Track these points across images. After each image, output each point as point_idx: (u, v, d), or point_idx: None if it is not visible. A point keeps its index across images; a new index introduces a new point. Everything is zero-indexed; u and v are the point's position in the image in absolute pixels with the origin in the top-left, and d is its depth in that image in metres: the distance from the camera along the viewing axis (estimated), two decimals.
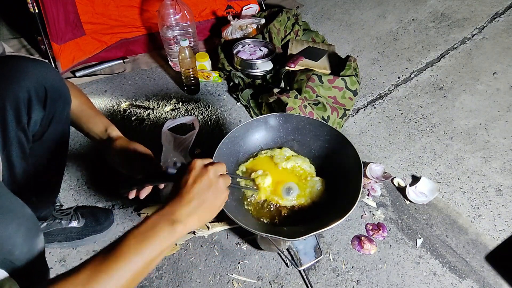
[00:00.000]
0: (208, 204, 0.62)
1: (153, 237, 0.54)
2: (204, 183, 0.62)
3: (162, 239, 0.55)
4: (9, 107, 0.74)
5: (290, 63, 1.55)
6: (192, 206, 0.60)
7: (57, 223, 1.09)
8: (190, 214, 0.59)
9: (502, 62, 1.75)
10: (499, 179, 1.30)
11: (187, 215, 0.59)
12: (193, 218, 0.59)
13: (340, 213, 0.84)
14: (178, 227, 0.57)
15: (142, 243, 0.53)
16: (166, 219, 0.57)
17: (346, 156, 0.97)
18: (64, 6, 1.58)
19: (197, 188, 0.61)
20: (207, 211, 0.62)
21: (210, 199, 0.62)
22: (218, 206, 0.65)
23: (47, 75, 0.79)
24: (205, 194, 0.61)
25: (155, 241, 0.54)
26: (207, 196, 0.62)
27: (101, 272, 0.49)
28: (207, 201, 0.62)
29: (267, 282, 1.05)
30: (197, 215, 0.60)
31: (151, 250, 0.54)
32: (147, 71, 1.80)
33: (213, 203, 0.63)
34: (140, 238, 0.54)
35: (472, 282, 1.04)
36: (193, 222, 0.59)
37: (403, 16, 2.10)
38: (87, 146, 1.43)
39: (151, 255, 0.54)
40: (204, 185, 0.62)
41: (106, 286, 0.49)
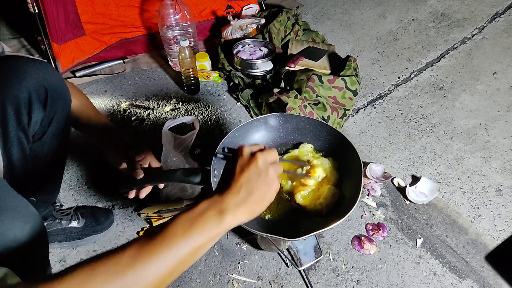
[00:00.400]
0: (258, 194, 0.58)
1: (201, 224, 0.52)
2: (252, 172, 0.58)
3: (210, 227, 0.53)
4: (9, 107, 0.74)
5: (290, 63, 1.55)
6: (241, 197, 0.56)
7: (57, 223, 1.09)
8: (239, 204, 0.56)
9: (502, 62, 1.75)
10: (499, 179, 1.30)
11: (236, 205, 0.55)
12: (243, 209, 0.56)
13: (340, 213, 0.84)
14: (227, 217, 0.54)
15: (189, 229, 0.51)
16: (215, 207, 0.54)
17: (346, 156, 0.97)
18: (64, 6, 1.58)
19: (245, 177, 0.57)
20: (258, 202, 0.58)
21: (260, 190, 0.58)
22: (269, 197, 0.60)
23: (48, 76, 0.79)
24: (254, 183, 0.57)
25: (203, 228, 0.52)
26: (256, 186, 0.57)
27: (146, 253, 0.47)
28: (256, 191, 0.57)
29: (267, 282, 1.05)
30: (247, 206, 0.56)
31: (197, 237, 0.51)
32: (147, 71, 1.80)
33: (263, 193, 0.58)
34: (188, 224, 0.51)
35: (472, 282, 1.04)
36: (243, 213, 0.56)
37: (403, 16, 2.10)
38: (87, 146, 1.43)
39: (197, 242, 0.51)
40: (253, 174, 0.58)
41: (150, 268, 0.46)
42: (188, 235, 0.50)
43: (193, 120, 1.42)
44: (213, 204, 0.55)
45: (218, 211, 0.54)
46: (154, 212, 1.16)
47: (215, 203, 0.55)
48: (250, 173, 0.58)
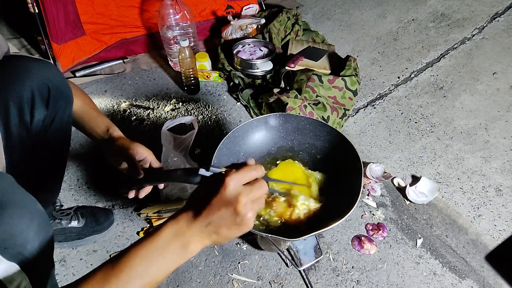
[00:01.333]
0: (225, 234, 0.54)
1: (162, 259, 0.51)
2: (228, 214, 0.53)
3: (171, 261, 0.52)
4: (12, 106, 0.75)
5: (290, 63, 1.55)
6: (208, 231, 0.53)
7: (57, 223, 1.09)
8: (204, 237, 0.54)
9: (502, 62, 1.75)
10: (499, 179, 1.30)
11: (201, 236, 0.53)
12: (207, 239, 0.54)
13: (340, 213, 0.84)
14: (189, 249, 0.53)
15: (150, 263, 0.50)
16: (179, 239, 0.52)
17: (346, 156, 0.97)
18: (64, 6, 1.58)
19: (219, 216, 0.53)
20: (223, 239, 0.55)
21: (230, 231, 0.54)
22: (238, 227, 0.55)
23: (50, 75, 0.79)
24: (225, 225, 0.53)
25: (164, 263, 0.51)
26: (227, 228, 0.54)
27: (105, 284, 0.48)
28: (226, 231, 0.54)
29: (267, 282, 1.05)
30: (212, 236, 0.54)
31: (157, 271, 0.51)
32: (147, 71, 1.80)
33: (231, 234, 0.55)
34: (149, 258, 0.51)
35: (472, 282, 1.04)
36: (207, 242, 0.54)
37: (403, 16, 2.10)
38: (87, 146, 1.43)
39: (157, 276, 0.51)
40: (228, 217, 0.53)
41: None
42: (149, 271, 0.50)
43: (192, 120, 1.42)
44: (178, 236, 0.52)
45: (181, 245, 0.52)
46: (154, 212, 1.16)
47: (180, 235, 0.52)
48: (226, 214, 0.53)
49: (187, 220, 0.53)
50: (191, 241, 0.53)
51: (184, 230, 0.53)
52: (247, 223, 0.54)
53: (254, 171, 0.56)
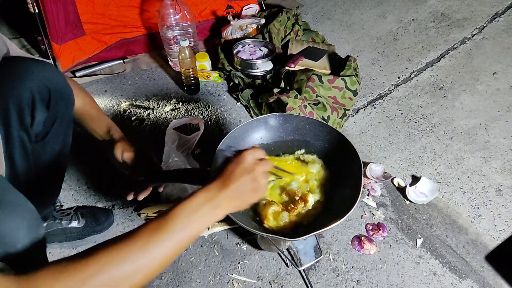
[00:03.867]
0: (246, 196, 0.68)
1: (198, 217, 0.60)
2: (247, 179, 0.67)
3: (204, 219, 0.62)
4: (12, 108, 0.75)
5: (290, 63, 1.55)
6: (232, 193, 0.65)
7: (57, 223, 1.09)
8: (230, 199, 0.65)
9: (502, 62, 1.75)
10: (499, 179, 1.30)
11: (227, 200, 0.65)
12: (232, 203, 0.66)
13: (340, 213, 0.84)
14: (218, 211, 0.63)
15: (188, 220, 0.59)
16: (210, 203, 0.62)
17: (346, 156, 0.97)
18: (64, 6, 1.58)
19: (240, 182, 0.66)
20: (245, 197, 0.68)
21: (249, 194, 0.68)
22: (254, 199, 0.70)
23: (51, 76, 0.79)
24: (245, 187, 0.67)
25: (199, 220, 0.61)
26: (246, 190, 0.67)
27: (154, 240, 0.55)
28: (246, 194, 0.67)
29: (267, 282, 1.05)
30: (236, 201, 0.66)
31: (195, 227, 0.60)
32: (147, 71, 1.80)
33: (250, 196, 0.69)
34: (187, 216, 0.59)
35: (472, 282, 1.04)
36: (231, 206, 0.66)
37: (403, 16, 2.10)
38: (87, 146, 1.43)
39: (194, 231, 0.60)
40: (247, 181, 0.67)
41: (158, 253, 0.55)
42: (187, 226, 0.59)
43: (198, 121, 1.42)
44: (209, 200, 0.63)
45: (212, 207, 0.63)
46: (154, 212, 1.16)
47: (210, 199, 0.63)
48: (245, 180, 0.67)
49: (217, 188, 0.65)
50: (220, 205, 0.63)
51: (214, 196, 0.64)
52: (263, 189, 0.70)
53: (262, 151, 0.72)
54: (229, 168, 0.68)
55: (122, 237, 0.55)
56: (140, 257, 0.54)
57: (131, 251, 0.53)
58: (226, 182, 0.66)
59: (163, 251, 0.56)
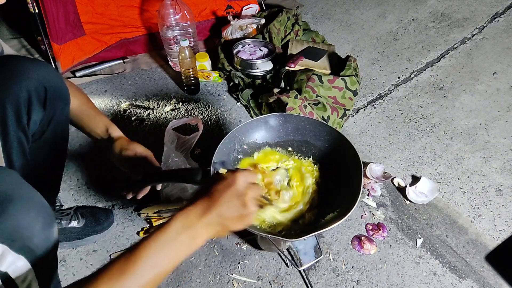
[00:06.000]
0: (231, 218, 0.61)
1: (173, 250, 0.55)
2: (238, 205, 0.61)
3: (180, 251, 0.57)
4: (9, 107, 0.75)
5: (290, 63, 1.55)
6: (215, 219, 0.59)
7: (57, 223, 1.08)
8: (212, 226, 0.59)
9: (502, 62, 1.75)
10: (499, 179, 1.30)
11: (209, 227, 0.59)
12: (214, 230, 0.60)
13: (340, 213, 0.84)
14: (197, 241, 0.58)
15: (161, 255, 0.54)
16: (188, 232, 0.57)
17: (346, 156, 0.97)
18: (64, 6, 1.58)
19: (229, 207, 0.60)
20: (230, 223, 0.61)
21: (236, 222, 0.62)
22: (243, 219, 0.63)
23: (47, 75, 0.79)
24: (233, 216, 0.61)
25: (174, 254, 0.56)
26: (235, 217, 0.61)
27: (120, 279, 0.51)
28: (231, 214, 0.61)
29: (267, 282, 1.05)
30: (218, 227, 0.60)
31: (168, 262, 0.55)
32: (147, 71, 1.80)
33: (236, 225, 0.62)
34: (160, 249, 0.55)
35: (472, 282, 1.04)
36: (213, 233, 0.60)
37: (403, 16, 2.10)
38: (87, 146, 1.43)
39: (168, 266, 0.55)
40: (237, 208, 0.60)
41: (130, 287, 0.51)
42: (161, 261, 0.54)
43: (197, 121, 1.42)
44: (187, 229, 0.57)
45: (190, 237, 0.57)
46: (154, 212, 1.16)
47: (188, 227, 0.57)
48: (233, 204, 0.60)
49: (197, 213, 0.58)
50: (199, 233, 0.58)
51: (194, 223, 0.57)
52: (251, 217, 0.62)
53: (255, 175, 0.64)
54: (218, 188, 0.61)
55: (90, 277, 0.51)
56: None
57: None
58: (211, 205, 0.59)
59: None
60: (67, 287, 0.51)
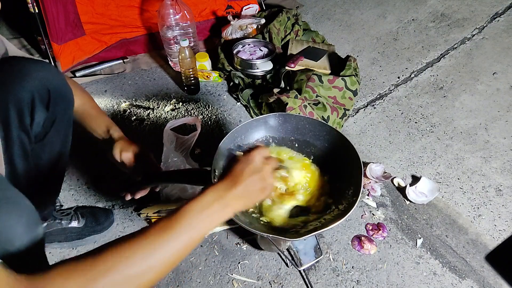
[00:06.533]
0: (254, 195, 0.69)
1: (207, 215, 0.61)
2: (255, 179, 0.68)
3: (214, 218, 0.62)
4: (12, 108, 0.75)
5: (290, 63, 1.55)
6: (240, 192, 0.66)
7: (57, 223, 1.09)
8: (238, 198, 0.66)
9: (502, 62, 1.75)
10: (499, 179, 1.30)
11: (236, 199, 0.66)
12: (241, 202, 0.67)
13: (340, 213, 0.84)
14: (227, 210, 0.64)
15: (198, 218, 0.60)
16: (219, 202, 0.63)
17: (346, 156, 0.97)
18: (64, 6, 1.58)
19: (248, 181, 0.67)
20: (253, 196, 0.69)
21: (257, 193, 0.70)
22: (261, 198, 0.72)
23: (51, 77, 0.79)
24: (253, 187, 0.68)
25: (209, 219, 0.61)
26: (254, 190, 0.69)
27: (165, 238, 0.55)
28: (254, 193, 0.69)
29: (267, 282, 1.05)
30: (244, 200, 0.68)
31: (204, 226, 0.61)
32: (147, 71, 1.80)
33: (258, 196, 0.70)
34: (197, 214, 0.60)
35: (472, 282, 1.04)
36: (240, 205, 0.68)
37: (403, 16, 2.10)
38: (87, 146, 1.43)
39: (204, 229, 0.61)
40: (255, 180, 0.68)
41: (169, 251, 0.56)
42: (197, 225, 0.59)
43: (195, 121, 1.42)
44: (218, 199, 0.63)
45: (221, 206, 0.63)
46: (154, 212, 1.16)
47: (219, 198, 0.64)
48: (254, 179, 0.68)
49: (226, 187, 0.66)
50: (229, 204, 0.64)
51: (223, 195, 0.64)
52: (270, 187, 0.72)
53: (267, 150, 0.73)
54: (238, 168, 0.69)
55: (132, 235, 0.55)
56: (151, 255, 0.53)
57: (142, 249, 0.53)
58: (235, 181, 0.66)
59: (173, 250, 0.56)
60: (106, 244, 0.53)
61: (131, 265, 0.52)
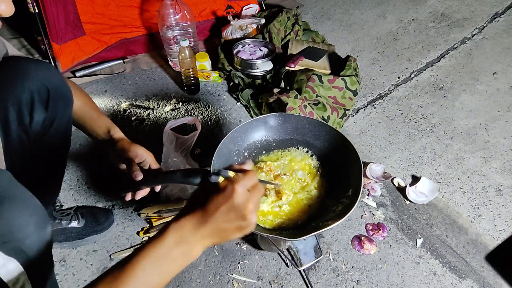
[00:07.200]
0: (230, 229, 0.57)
1: (167, 264, 0.53)
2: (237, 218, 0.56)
3: (176, 265, 0.54)
4: (11, 108, 0.75)
5: (290, 63, 1.55)
6: (211, 231, 0.55)
7: (57, 223, 1.09)
8: (208, 237, 0.56)
9: (502, 62, 1.75)
10: (499, 179, 1.30)
11: (205, 239, 0.56)
12: (210, 241, 0.56)
13: (340, 213, 0.84)
14: (193, 253, 0.55)
15: (156, 270, 0.52)
16: (181, 247, 0.54)
17: (346, 156, 0.97)
18: (64, 6, 1.58)
19: (227, 221, 0.55)
20: (228, 234, 0.57)
21: (234, 233, 0.57)
22: (243, 230, 0.58)
23: (50, 77, 0.79)
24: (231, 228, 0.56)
25: (168, 268, 0.54)
26: (233, 229, 0.57)
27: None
28: (230, 226, 0.56)
29: (267, 282, 1.05)
30: (216, 238, 0.56)
31: (163, 276, 0.53)
32: (147, 71, 1.80)
33: (235, 235, 0.58)
34: (155, 264, 0.52)
35: (472, 282, 1.04)
36: (209, 244, 0.57)
37: (403, 16, 2.10)
38: (87, 146, 1.43)
39: (160, 282, 0.53)
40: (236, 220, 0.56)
41: None
42: (151, 278, 0.52)
43: (195, 121, 1.42)
44: (181, 243, 0.54)
45: (184, 251, 0.54)
46: (154, 212, 1.16)
47: (183, 241, 0.54)
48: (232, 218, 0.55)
49: (191, 226, 0.54)
50: (194, 247, 0.55)
51: (188, 237, 0.54)
52: (251, 227, 0.57)
53: (254, 177, 0.58)
54: (214, 202, 0.55)
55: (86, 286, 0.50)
56: None
57: None
58: (206, 219, 0.55)
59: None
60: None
61: None
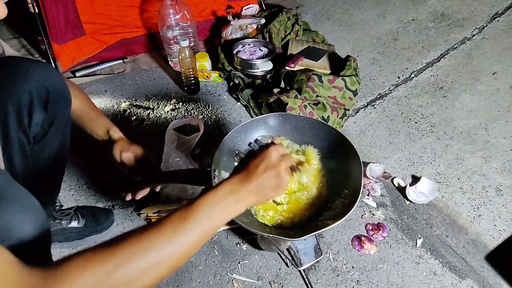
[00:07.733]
0: (268, 187, 0.67)
1: (221, 209, 0.62)
2: (271, 175, 0.67)
3: (227, 212, 0.63)
4: (10, 109, 0.75)
5: (290, 63, 1.55)
6: (254, 188, 0.66)
7: (57, 223, 1.09)
8: (252, 193, 0.66)
9: (502, 62, 1.75)
10: (499, 179, 1.30)
11: (250, 194, 0.65)
12: (254, 197, 0.66)
13: (340, 213, 0.84)
14: (241, 204, 0.64)
15: (212, 212, 0.61)
16: (233, 196, 0.63)
17: (346, 156, 0.97)
18: (64, 6, 1.58)
19: (264, 177, 0.66)
20: (267, 192, 0.68)
21: (272, 190, 0.68)
22: (278, 188, 0.69)
23: (49, 77, 0.79)
24: (268, 183, 0.67)
25: (222, 213, 0.62)
26: (269, 186, 0.67)
27: (180, 230, 0.56)
28: (268, 184, 0.67)
29: (267, 282, 1.05)
30: (257, 195, 0.67)
31: (217, 219, 0.61)
32: (147, 71, 1.80)
33: (272, 193, 0.69)
34: (211, 207, 0.61)
35: (472, 282, 1.04)
36: (253, 200, 0.67)
37: (403, 16, 2.10)
38: (87, 146, 1.43)
39: (217, 222, 0.61)
40: (271, 177, 0.67)
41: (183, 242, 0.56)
42: (210, 217, 0.60)
43: (198, 122, 1.42)
44: (232, 193, 0.64)
45: (235, 200, 0.64)
46: (154, 212, 1.16)
47: (233, 192, 0.64)
48: (269, 175, 0.67)
49: (240, 181, 0.66)
50: (242, 198, 0.64)
51: (238, 189, 0.65)
52: (285, 185, 0.69)
53: (284, 147, 0.72)
54: (254, 163, 0.68)
55: (148, 226, 0.56)
56: (167, 246, 0.54)
57: (158, 240, 0.54)
58: (250, 176, 0.66)
59: (189, 241, 0.57)
60: (123, 234, 0.54)
61: (148, 255, 0.52)
